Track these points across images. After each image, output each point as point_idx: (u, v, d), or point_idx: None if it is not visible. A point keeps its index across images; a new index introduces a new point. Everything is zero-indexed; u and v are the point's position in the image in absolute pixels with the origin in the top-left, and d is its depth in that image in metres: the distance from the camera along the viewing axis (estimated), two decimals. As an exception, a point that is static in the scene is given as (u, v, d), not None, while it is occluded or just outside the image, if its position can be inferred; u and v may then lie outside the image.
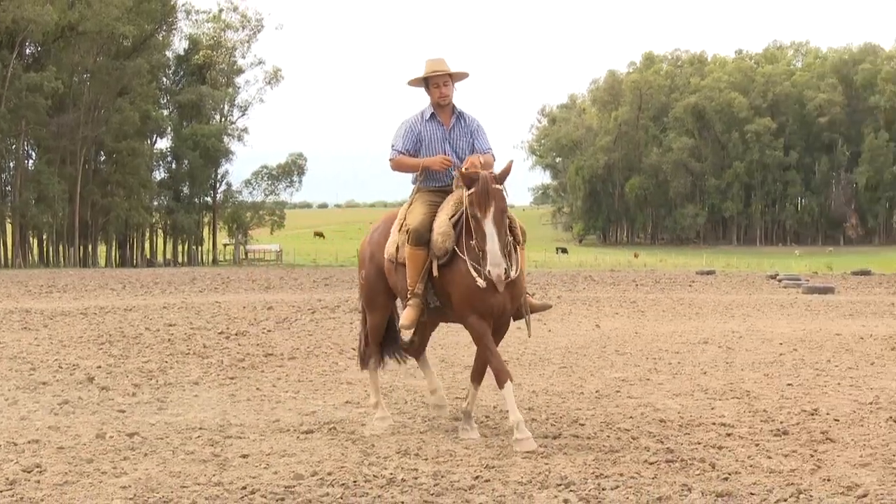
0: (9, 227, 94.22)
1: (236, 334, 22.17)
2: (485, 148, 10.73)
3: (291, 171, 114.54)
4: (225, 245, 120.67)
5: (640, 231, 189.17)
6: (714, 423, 11.30)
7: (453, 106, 10.81)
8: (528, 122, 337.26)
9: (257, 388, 14.02)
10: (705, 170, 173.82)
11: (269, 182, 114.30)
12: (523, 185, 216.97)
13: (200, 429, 10.86)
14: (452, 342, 19.96)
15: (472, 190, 9.64)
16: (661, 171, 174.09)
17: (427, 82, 10.67)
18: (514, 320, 10.77)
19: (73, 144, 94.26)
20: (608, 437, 10.56)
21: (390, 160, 10.82)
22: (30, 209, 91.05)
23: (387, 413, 11.20)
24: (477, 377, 10.71)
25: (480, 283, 9.79)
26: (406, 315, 10.40)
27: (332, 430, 10.82)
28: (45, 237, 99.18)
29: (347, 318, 27.06)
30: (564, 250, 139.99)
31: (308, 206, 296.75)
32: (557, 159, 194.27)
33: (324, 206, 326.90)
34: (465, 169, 9.99)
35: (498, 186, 9.74)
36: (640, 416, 11.82)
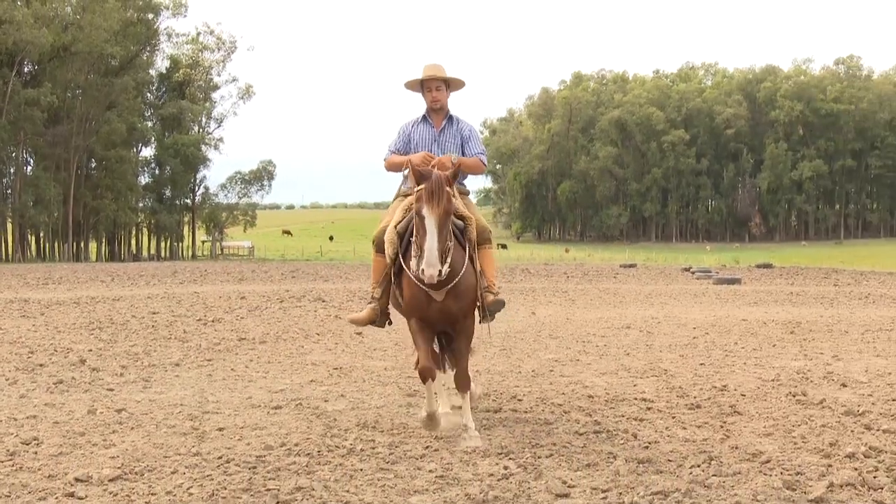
0: (9, 226, 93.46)
1: (213, 321, 22.06)
2: (475, 152, 9.87)
3: (262, 176, 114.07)
4: (203, 242, 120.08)
5: (571, 229, 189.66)
6: (636, 399, 11.34)
7: (447, 111, 9.98)
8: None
9: (232, 369, 13.96)
10: (627, 175, 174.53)
11: (242, 186, 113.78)
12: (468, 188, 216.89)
13: (181, 405, 10.79)
14: (404, 326, 19.94)
15: (421, 187, 8.59)
16: (589, 177, 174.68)
17: (422, 86, 9.90)
18: (481, 322, 9.79)
19: (66, 152, 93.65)
20: (543, 411, 10.58)
21: (384, 160, 10.00)
22: (28, 210, 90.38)
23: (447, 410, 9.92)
24: (461, 386, 9.33)
25: (414, 270, 8.72)
26: (361, 315, 9.64)
27: (298, 406, 10.78)
28: (41, 235, 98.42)
29: (312, 307, 26.97)
30: (504, 246, 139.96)
31: (277, 207, 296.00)
32: (498, 166, 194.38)
33: (291, 207, 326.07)
34: (421, 165, 9.14)
35: (447, 188, 8.65)
36: (571, 393, 11.85)
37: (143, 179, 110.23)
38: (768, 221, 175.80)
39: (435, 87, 9.82)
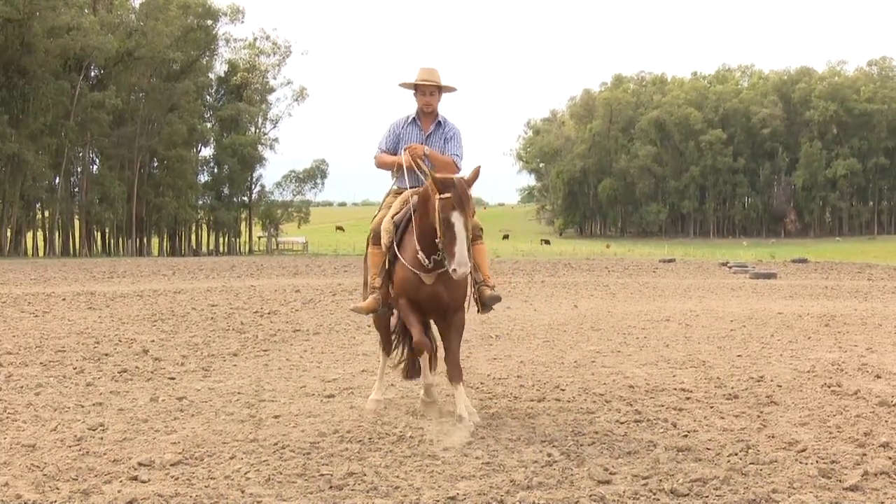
0: (77, 223, 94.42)
1: (269, 313, 22.16)
2: (453, 153, 9.85)
3: (315, 174, 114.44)
4: (259, 237, 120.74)
5: (612, 225, 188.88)
6: (675, 389, 11.27)
7: (437, 114, 10.01)
8: (516, 133, 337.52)
9: (287, 359, 14.01)
10: (666, 173, 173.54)
11: (297, 184, 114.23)
12: (511, 186, 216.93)
13: (239, 393, 10.85)
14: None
15: (448, 195, 8.66)
16: (629, 175, 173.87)
17: (416, 88, 9.93)
18: (480, 313, 9.93)
19: (130, 152, 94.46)
20: (585, 400, 10.53)
21: (374, 157, 10.11)
22: (94, 207, 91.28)
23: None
24: (454, 377, 9.30)
25: (425, 262, 8.97)
26: (364, 304, 9.65)
27: (350, 395, 10.80)
28: (107, 231, 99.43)
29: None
30: (547, 242, 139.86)
31: (329, 204, 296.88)
32: (541, 164, 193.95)
33: (343, 204, 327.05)
34: (411, 156, 9.50)
35: (470, 196, 8.81)
36: (612, 383, 11.79)
37: (203, 178, 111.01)
38: (803, 218, 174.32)
39: (429, 91, 9.87)
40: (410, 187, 9.55)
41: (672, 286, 36.64)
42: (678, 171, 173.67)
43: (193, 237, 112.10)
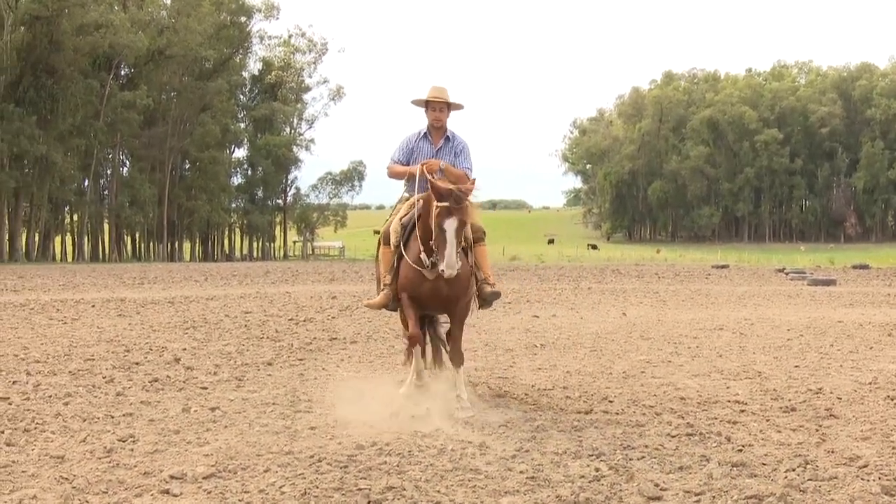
0: (106, 227, 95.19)
1: (304, 320, 22.24)
2: (463, 166, 11.06)
3: (352, 176, 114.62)
4: (294, 242, 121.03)
5: (662, 229, 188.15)
6: (729, 401, 11.22)
7: (446, 128, 11.26)
8: (562, 133, 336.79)
9: (323, 369, 14.06)
10: (719, 175, 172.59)
11: (333, 186, 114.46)
12: (557, 188, 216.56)
13: (273, 404, 10.89)
14: (495, 328, 19.96)
15: (444, 203, 9.90)
16: (680, 176, 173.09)
17: (427, 105, 11.17)
18: (479, 308, 11.34)
19: (161, 154, 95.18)
20: (634, 412, 10.51)
21: (387, 168, 11.43)
22: (124, 211, 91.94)
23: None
24: (455, 361, 10.71)
25: (426, 262, 10.26)
26: (376, 300, 11.11)
27: (390, 407, 10.79)
28: (137, 235, 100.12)
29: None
30: (594, 247, 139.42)
31: (367, 207, 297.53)
32: (588, 166, 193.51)
33: (381, 207, 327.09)
34: (426, 170, 10.53)
35: (464, 203, 10.06)
36: (662, 395, 11.75)
37: (236, 180, 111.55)
38: (864, 222, 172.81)
39: (438, 108, 11.14)
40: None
41: (726, 293, 36.45)
42: (732, 173, 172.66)
43: (226, 242, 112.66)
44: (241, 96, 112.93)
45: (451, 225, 9.84)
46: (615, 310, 27.22)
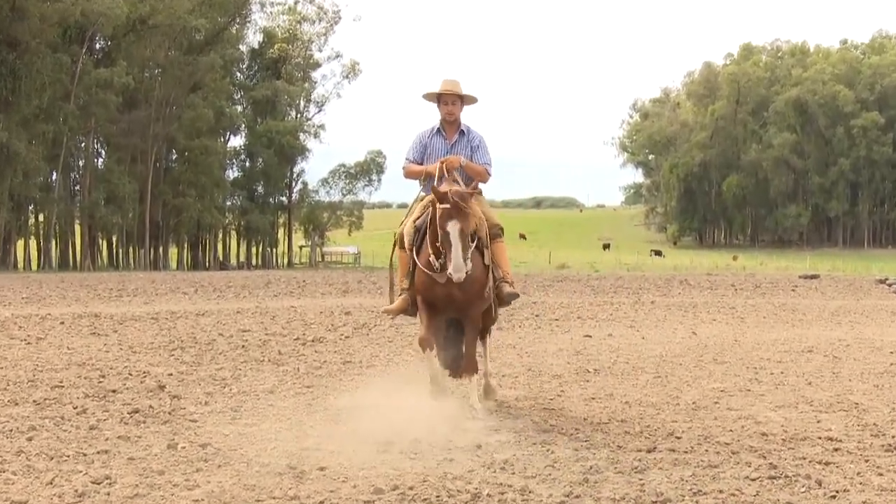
0: (77, 229, 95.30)
1: (313, 341, 22.28)
2: (482, 161, 12.62)
3: (370, 169, 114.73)
4: (301, 247, 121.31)
5: (739, 232, 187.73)
6: (820, 438, 11.17)
7: (460, 122, 12.69)
8: (619, 118, 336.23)
9: (335, 398, 14.06)
10: (808, 167, 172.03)
11: (347, 181, 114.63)
12: (614, 183, 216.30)
13: (276, 440, 10.91)
14: (540, 349, 19.95)
15: (445, 205, 11.40)
16: (761, 169, 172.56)
17: (439, 99, 12.58)
18: (501, 306, 13.00)
19: (143, 142, 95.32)
20: (706, 451, 10.47)
21: (402, 168, 12.90)
22: (99, 209, 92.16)
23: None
24: (468, 369, 12.45)
25: (435, 265, 11.72)
26: (394, 306, 12.74)
27: (413, 442, 10.79)
28: (114, 239, 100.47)
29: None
30: (659, 253, 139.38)
31: (388, 205, 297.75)
32: (650, 156, 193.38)
33: (403, 206, 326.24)
34: (445, 168, 12.17)
35: (465, 207, 11.46)
36: (740, 429, 11.72)
37: (232, 174, 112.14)
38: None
39: (451, 101, 12.55)
40: None
41: (816, 308, 36.33)
42: (823, 165, 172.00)
43: (220, 247, 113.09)
44: (239, 74, 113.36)
45: (453, 227, 11.33)
46: (683, 328, 27.18)
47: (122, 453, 10.18)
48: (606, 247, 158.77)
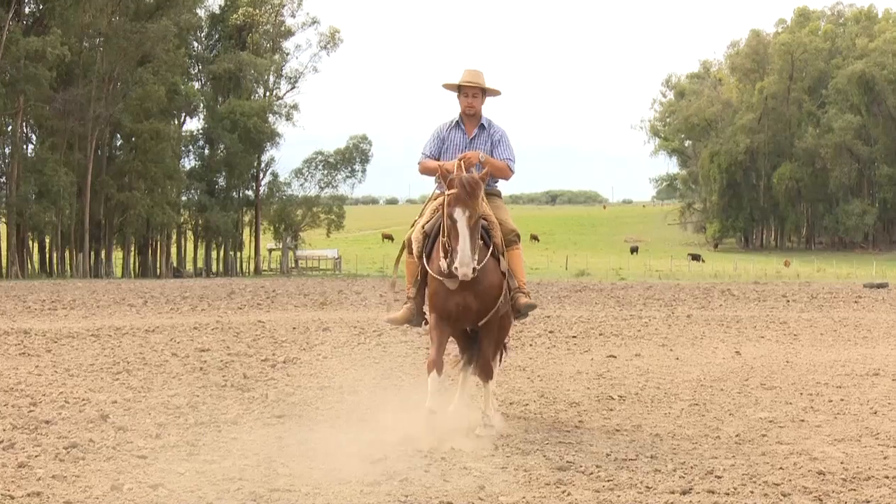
0: (3, 229, 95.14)
1: (284, 362, 22.31)
2: (503, 157, 13.60)
3: (353, 157, 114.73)
4: (270, 251, 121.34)
5: (792, 233, 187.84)
6: (887, 477, 11.21)
7: (481, 116, 13.72)
8: (650, 97, 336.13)
9: (310, 430, 14.09)
10: (875, 156, 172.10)
11: (326, 171, 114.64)
12: (643, 174, 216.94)
13: (240, 479, 10.93)
14: (555, 372, 19.99)
15: (452, 192, 12.34)
16: (819, 158, 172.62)
17: (459, 90, 13.59)
18: (516, 319, 14.25)
19: (82, 126, 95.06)
20: (752, 492, 10.52)
21: (418, 163, 13.91)
22: (29, 206, 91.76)
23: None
24: (483, 375, 13.64)
25: (443, 267, 12.54)
26: (398, 315, 13.72)
27: (404, 483, 10.83)
28: (47, 241, 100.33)
29: (424, 342, 27.02)
30: (697, 257, 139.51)
31: (374, 201, 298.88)
32: (687, 143, 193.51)
33: (393, 201, 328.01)
34: (464, 165, 12.94)
35: (476, 194, 12.36)
36: (792, 467, 11.76)
37: (188, 163, 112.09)
38: None
39: (472, 93, 13.56)
40: None
41: (884, 324, 36.35)
42: (893, 153, 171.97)
43: (174, 250, 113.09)
44: (196, 44, 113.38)
45: (461, 215, 12.19)
46: (725, 347, 27.21)
47: (58, 495, 10.20)
48: (634, 250, 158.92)
